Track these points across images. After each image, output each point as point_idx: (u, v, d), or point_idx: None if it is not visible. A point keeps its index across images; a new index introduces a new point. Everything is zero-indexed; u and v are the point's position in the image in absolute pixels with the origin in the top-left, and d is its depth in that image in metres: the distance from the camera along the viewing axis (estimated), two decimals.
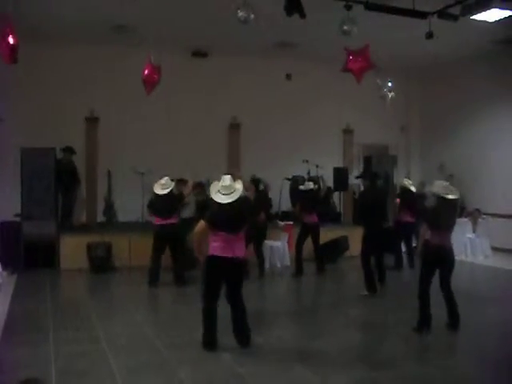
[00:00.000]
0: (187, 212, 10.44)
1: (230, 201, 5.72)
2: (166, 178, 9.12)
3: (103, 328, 6.61)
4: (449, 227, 6.53)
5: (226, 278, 5.86)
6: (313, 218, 10.16)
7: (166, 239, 9.15)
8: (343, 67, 9.22)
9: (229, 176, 5.89)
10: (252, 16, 8.14)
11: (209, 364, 5.48)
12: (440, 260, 6.51)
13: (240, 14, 8.14)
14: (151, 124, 12.81)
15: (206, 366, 5.44)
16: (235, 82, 13.46)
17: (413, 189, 10.86)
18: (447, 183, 6.68)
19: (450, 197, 6.43)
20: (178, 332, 6.56)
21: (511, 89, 12.77)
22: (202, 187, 10.67)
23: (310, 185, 10.28)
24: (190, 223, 8.78)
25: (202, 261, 5.97)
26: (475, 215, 12.86)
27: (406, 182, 11.07)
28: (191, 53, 13.27)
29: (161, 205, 9.05)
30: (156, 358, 5.61)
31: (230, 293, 5.92)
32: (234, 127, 13.94)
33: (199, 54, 13.35)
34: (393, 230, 10.27)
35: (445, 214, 6.49)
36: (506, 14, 9.30)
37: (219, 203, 5.75)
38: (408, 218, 10.58)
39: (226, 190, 5.75)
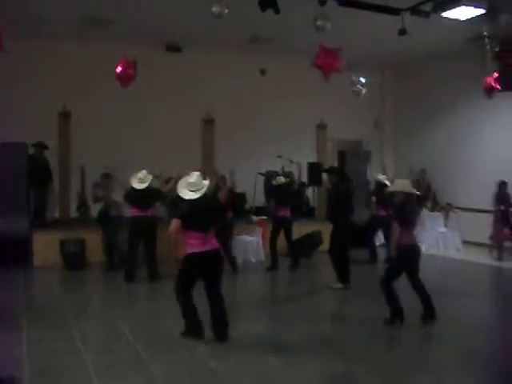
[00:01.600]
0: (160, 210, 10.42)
1: (196, 196, 5.74)
2: (144, 171, 9.09)
3: (78, 326, 6.57)
4: (415, 224, 6.72)
5: (205, 272, 5.87)
6: (286, 213, 10.20)
7: (142, 232, 9.12)
8: (312, 62, 9.25)
9: (197, 172, 5.89)
10: (226, 11, 8.13)
11: (182, 359, 5.51)
12: (413, 259, 6.72)
13: (214, 8, 8.12)
14: (124, 119, 12.69)
15: (179, 361, 5.46)
16: (209, 76, 13.38)
17: (387, 183, 10.98)
18: (408, 181, 6.89)
19: (417, 192, 6.68)
20: (153, 328, 6.56)
21: (481, 85, 12.94)
22: (176, 182, 10.63)
23: (282, 179, 10.33)
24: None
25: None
26: (447, 209, 13.06)
27: (381, 177, 11.20)
28: (165, 47, 13.18)
29: (137, 198, 9.03)
30: (131, 354, 5.61)
31: (210, 288, 5.92)
32: (208, 122, 13.90)
33: (173, 48, 13.25)
34: (362, 225, 10.39)
35: (411, 210, 6.68)
36: (477, 12, 9.42)
37: (189, 203, 5.76)
38: (382, 212, 10.73)
39: (193, 187, 5.77)
